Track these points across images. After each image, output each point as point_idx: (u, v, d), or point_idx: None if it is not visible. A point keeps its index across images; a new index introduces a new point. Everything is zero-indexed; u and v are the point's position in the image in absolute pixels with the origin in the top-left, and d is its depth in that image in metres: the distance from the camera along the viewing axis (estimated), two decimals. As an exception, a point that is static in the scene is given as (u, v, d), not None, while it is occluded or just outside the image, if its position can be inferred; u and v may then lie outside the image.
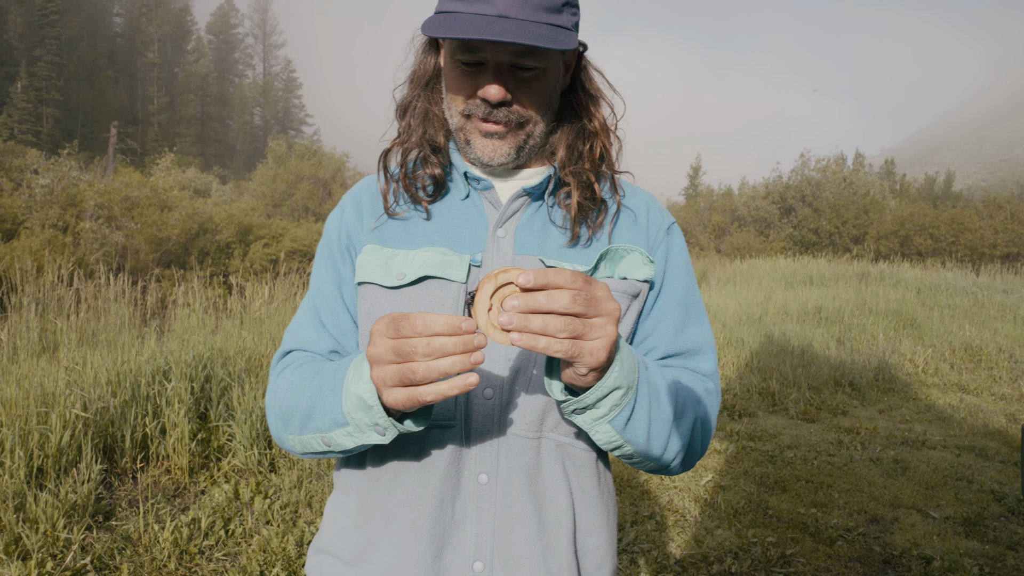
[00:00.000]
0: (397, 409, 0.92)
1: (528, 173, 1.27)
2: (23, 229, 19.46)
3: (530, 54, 1.11)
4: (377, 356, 0.89)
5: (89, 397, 4.53)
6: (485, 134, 1.18)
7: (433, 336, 0.84)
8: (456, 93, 1.18)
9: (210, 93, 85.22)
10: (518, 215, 1.22)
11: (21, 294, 6.52)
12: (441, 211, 1.25)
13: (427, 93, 1.29)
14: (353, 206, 1.32)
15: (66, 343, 5.40)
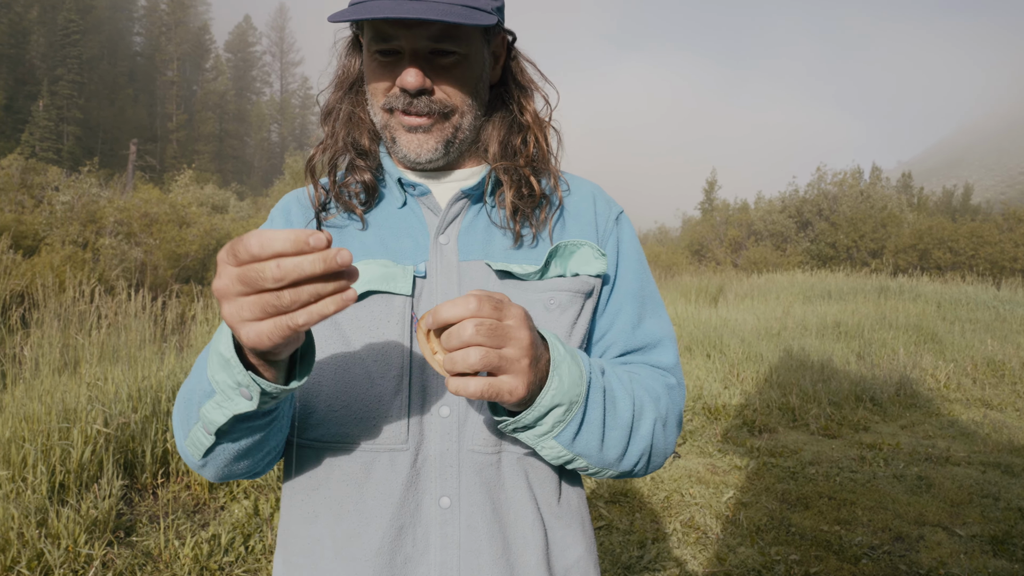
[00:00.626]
0: (264, 350, 0.77)
1: (464, 173, 1.21)
2: (44, 245, 19.70)
3: (448, 37, 1.06)
4: (223, 288, 0.74)
5: (110, 413, 4.55)
6: (409, 128, 1.12)
7: (277, 257, 0.70)
8: (376, 87, 1.13)
9: (228, 110, 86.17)
10: (459, 219, 1.17)
11: (43, 310, 6.58)
12: (378, 220, 1.19)
13: (352, 96, 1.24)
14: (282, 216, 1.26)
15: (87, 359, 5.43)
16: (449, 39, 1.06)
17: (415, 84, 1.06)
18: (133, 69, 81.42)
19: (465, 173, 1.21)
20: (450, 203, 1.15)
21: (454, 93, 1.10)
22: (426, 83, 1.07)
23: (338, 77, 1.25)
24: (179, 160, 69.65)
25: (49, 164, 28.86)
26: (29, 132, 52.97)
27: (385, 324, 1.09)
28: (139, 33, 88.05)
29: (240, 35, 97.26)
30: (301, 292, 0.71)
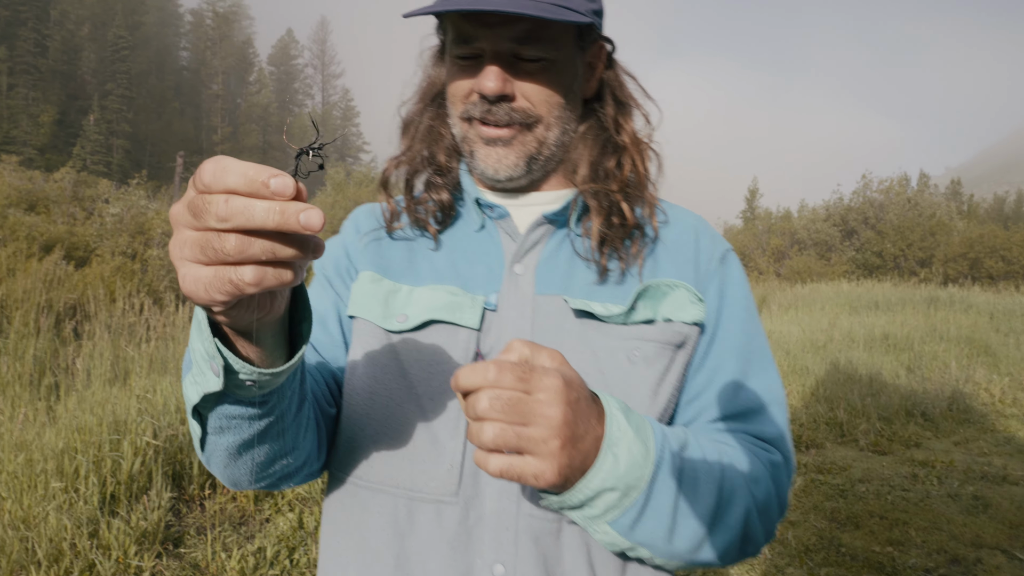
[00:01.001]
0: (205, 305, 0.62)
1: (548, 196, 1.10)
2: (94, 256, 20.21)
3: (534, 39, 0.96)
4: (175, 214, 0.60)
5: (159, 425, 4.62)
6: (487, 140, 1.02)
7: (228, 194, 0.56)
8: (455, 93, 1.05)
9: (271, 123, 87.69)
10: (539, 247, 1.06)
11: (95, 321, 6.73)
12: (451, 242, 1.09)
13: (433, 110, 1.15)
14: (353, 227, 1.18)
15: (137, 371, 5.54)
16: (535, 41, 0.97)
17: (494, 88, 0.97)
18: (179, 83, 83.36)
19: (549, 196, 1.10)
20: (530, 229, 1.05)
21: (539, 102, 1.01)
22: (506, 88, 0.98)
23: (421, 89, 1.16)
24: (224, 172, 71.12)
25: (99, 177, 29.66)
26: (80, 146, 54.53)
27: (446, 358, 0.99)
28: (185, 48, 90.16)
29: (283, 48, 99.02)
30: (251, 243, 0.57)
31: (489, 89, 0.97)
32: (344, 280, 1.13)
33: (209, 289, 0.59)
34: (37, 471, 3.99)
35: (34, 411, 5.00)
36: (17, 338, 6.22)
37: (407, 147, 1.15)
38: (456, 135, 1.08)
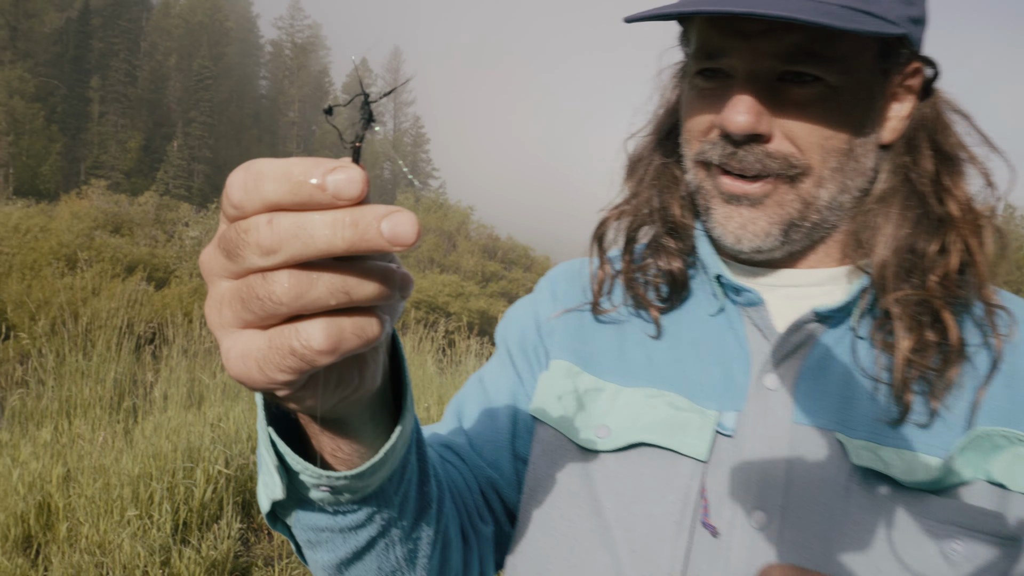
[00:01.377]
0: (263, 388, 0.42)
1: (819, 277, 0.80)
2: (173, 278, 20.96)
3: (810, 55, 0.69)
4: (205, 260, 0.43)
5: (231, 453, 4.69)
6: (727, 197, 0.76)
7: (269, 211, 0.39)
8: (691, 127, 0.79)
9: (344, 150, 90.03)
10: (802, 353, 0.75)
11: (172, 346, 6.92)
12: (678, 329, 0.82)
13: (668, 146, 0.88)
14: (549, 292, 0.94)
15: (210, 398, 5.65)
16: (812, 58, 0.69)
17: (743, 124, 0.71)
18: (258, 111, 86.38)
19: (819, 276, 0.80)
20: (793, 327, 0.75)
21: (809, 145, 0.72)
22: (761, 124, 0.71)
23: (656, 118, 0.91)
24: (297, 196, 73.38)
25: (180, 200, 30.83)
26: (164, 170, 56.95)
27: (657, 498, 0.74)
28: (264, 77, 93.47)
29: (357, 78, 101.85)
30: (313, 281, 0.38)
31: (736, 125, 0.71)
32: (530, 362, 0.90)
33: (265, 367, 0.40)
34: (114, 496, 4.08)
35: (112, 434, 5.14)
36: (100, 361, 6.42)
37: (632, 193, 0.90)
38: (690, 183, 0.83)
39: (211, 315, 0.42)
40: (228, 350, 0.42)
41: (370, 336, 0.40)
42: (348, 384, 0.47)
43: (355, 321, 0.40)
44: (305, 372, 0.41)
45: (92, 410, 5.73)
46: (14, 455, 4.60)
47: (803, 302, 0.78)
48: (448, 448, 0.86)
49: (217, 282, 0.41)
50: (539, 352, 0.90)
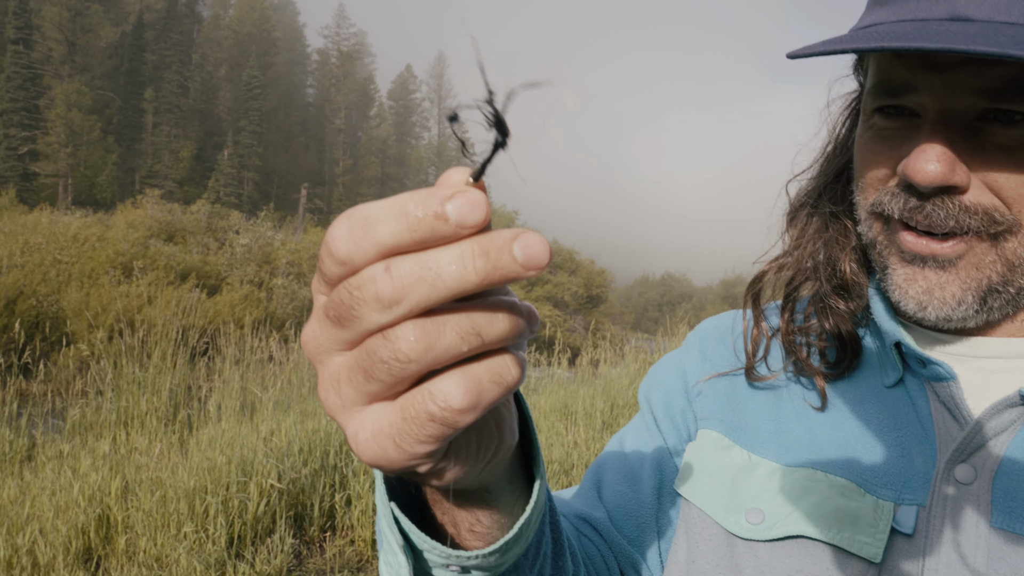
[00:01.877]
0: (404, 468, 0.38)
1: (1021, 348, 0.67)
2: (224, 285, 21.39)
3: (1019, 90, 0.57)
4: (309, 338, 0.38)
5: (283, 467, 4.72)
6: (909, 256, 0.65)
7: (384, 257, 0.34)
8: (866, 174, 0.68)
9: (389, 155, 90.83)
10: (1002, 442, 0.63)
11: (226, 358, 7.03)
12: (846, 400, 0.71)
13: (839, 190, 0.78)
14: (698, 351, 0.86)
15: (263, 412, 5.71)
16: (1019, 92, 0.58)
17: (932, 175, 0.59)
18: (305, 119, 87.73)
19: (1018, 347, 0.67)
20: (993, 410, 0.63)
21: (1017, 196, 0.60)
22: (955, 175, 0.60)
23: (824, 157, 0.81)
24: (344, 203, 74.13)
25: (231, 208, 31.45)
26: (215, 179, 58.19)
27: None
28: (311, 86, 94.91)
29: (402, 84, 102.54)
30: (441, 328, 0.33)
31: (924, 176, 0.59)
32: (677, 428, 0.82)
33: (403, 443, 0.35)
34: (171, 510, 4.13)
35: (168, 445, 5.22)
36: (156, 372, 6.55)
37: (795, 244, 0.79)
38: (863, 236, 0.72)
39: (328, 398, 0.37)
40: (356, 433, 0.37)
41: (510, 381, 0.35)
42: (489, 444, 0.42)
43: (490, 366, 0.35)
44: (448, 437, 0.36)
45: (148, 421, 5.84)
46: (75, 467, 4.70)
47: (1002, 377, 0.66)
48: (585, 521, 0.79)
49: (328, 359, 0.37)
50: (687, 418, 0.82)
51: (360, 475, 4.85)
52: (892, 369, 0.70)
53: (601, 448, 5.51)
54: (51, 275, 17.81)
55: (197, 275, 20.66)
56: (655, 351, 10.48)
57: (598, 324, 26.39)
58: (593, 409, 6.31)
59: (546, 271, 16.08)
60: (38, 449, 5.37)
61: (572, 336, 24.62)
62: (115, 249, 19.80)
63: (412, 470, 0.39)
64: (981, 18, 0.57)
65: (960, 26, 0.56)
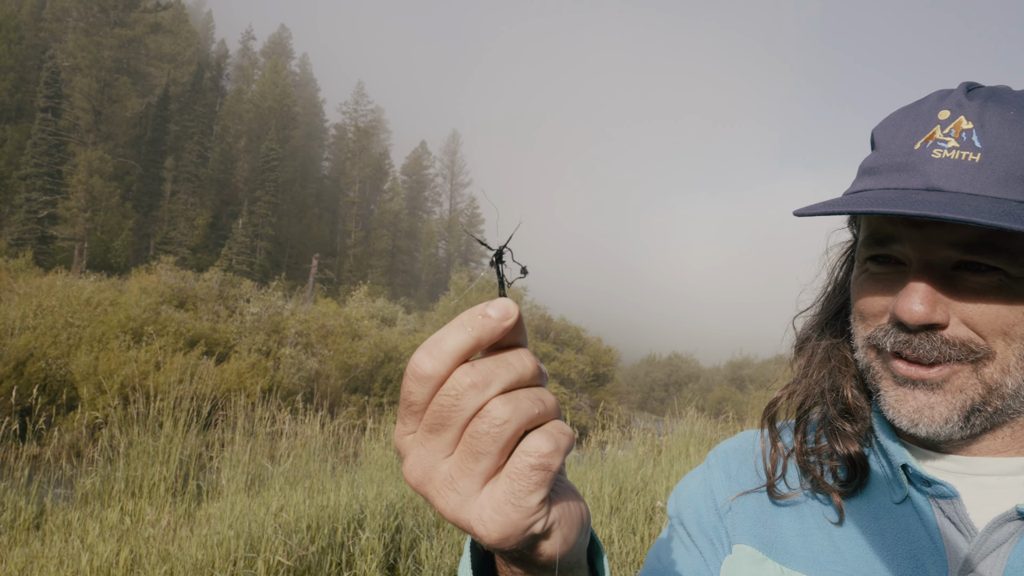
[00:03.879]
0: (526, 528, 0.47)
1: (1016, 466, 0.76)
2: (233, 353, 21.47)
3: (986, 248, 0.70)
4: (414, 463, 0.48)
5: (291, 544, 4.71)
6: (900, 380, 0.76)
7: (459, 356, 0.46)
8: (863, 312, 0.80)
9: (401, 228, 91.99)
10: (1003, 551, 0.71)
11: (235, 428, 7.05)
12: (861, 515, 0.80)
13: (838, 325, 0.90)
14: (723, 471, 0.95)
15: (272, 486, 5.71)
16: (990, 249, 0.71)
17: (918, 316, 0.71)
18: (320, 191, 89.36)
19: (1017, 465, 0.77)
20: (993, 525, 0.72)
21: (990, 331, 0.72)
22: (936, 314, 0.72)
23: (825, 296, 0.93)
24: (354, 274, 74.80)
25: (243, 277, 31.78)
26: (228, 247, 58.98)
27: None
28: (327, 159, 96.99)
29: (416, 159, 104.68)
30: (517, 399, 0.46)
31: (911, 315, 0.72)
32: (712, 543, 0.90)
33: (518, 499, 0.45)
34: (178, 585, 4.12)
35: (176, 517, 5.22)
36: (166, 441, 6.58)
37: (803, 373, 0.90)
38: (859, 362, 0.82)
39: (449, 500, 0.47)
40: (480, 516, 0.46)
41: (570, 433, 0.47)
42: (577, 515, 0.52)
43: (556, 424, 0.47)
44: (548, 481, 0.46)
45: (157, 491, 5.84)
46: (83, 536, 4.70)
47: (999, 493, 0.75)
48: None
49: (436, 473, 0.47)
50: (719, 533, 0.90)
51: (367, 554, 4.83)
52: (899, 487, 0.79)
53: (609, 534, 5.48)
54: (62, 338, 17.93)
55: (206, 342, 20.78)
56: (662, 433, 10.43)
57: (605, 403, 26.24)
58: (601, 493, 6.28)
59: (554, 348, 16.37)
60: (46, 516, 5.37)
61: (579, 415, 24.45)
62: (127, 314, 19.97)
63: (531, 533, 0.47)
64: (951, 190, 0.70)
65: (934, 195, 0.69)
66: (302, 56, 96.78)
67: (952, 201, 0.68)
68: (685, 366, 72.59)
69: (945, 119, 0.73)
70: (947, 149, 0.72)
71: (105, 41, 57.51)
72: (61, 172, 48.36)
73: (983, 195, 0.69)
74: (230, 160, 68.71)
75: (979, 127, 0.72)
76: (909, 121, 0.76)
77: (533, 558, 0.52)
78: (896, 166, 0.75)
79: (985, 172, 0.70)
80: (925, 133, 0.74)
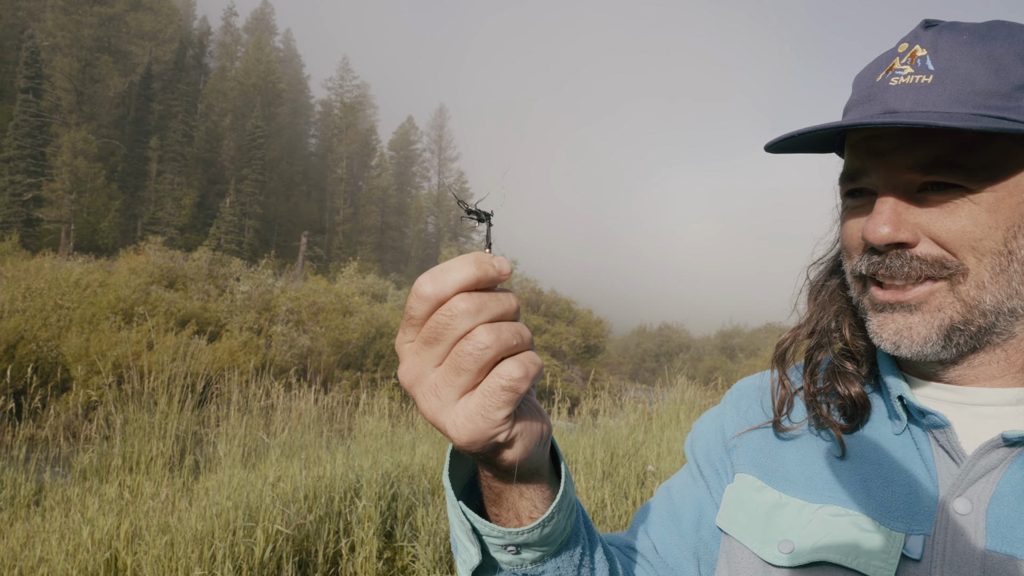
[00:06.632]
0: (491, 436, 0.58)
1: (1007, 397, 0.78)
2: (224, 331, 21.46)
3: (945, 166, 0.73)
4: (409, 369, 0.58)
5: (289, 513, 4.79)
6: (878, 305, 0.79)
7: (461, 287, 0.55)
8: (846, 246, 0.84)
9: (389, 204, 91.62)
10: (994, 475, 0.74)
11: (231, 405, 7.11)
12: (862, 446, 0.84)
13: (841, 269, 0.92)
14: (734, 407, 1.00)
15: (270, 458, 5.78)
16: (950, 167, 0.73)
17: (883, 235, 0.74)
18: (307, 168, 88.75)
19: (1011, 395, 0.79)
20: (980, 452, 0.75)
21: (959, 245, 0.74)
22: (901, 232, 0.75)
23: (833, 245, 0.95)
24: (344, 251, 74.58)
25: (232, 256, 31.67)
26: (216, 226, 58.64)
27: None
28: (314, 136, 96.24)
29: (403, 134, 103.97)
30: (500, 328, 0.56)
31: (876, 235, 0.75)
32: (718, 473, 0.96)
33: (487, 411, 0.56)
34: (179, 554, 4.20)
35: (175, 490, 5.28)
36: (162, 417, 6.63)
37: (809, 316, 0.94)
38: (853, 299, 0.87)
39: (430, 404, 0.57)
40: (454, 421, 0.57)
41: (539, 362, 0.57)
42: (538, 424, 0.63)
43: (527, 355, 0.57)
44: (515, 402, 0.56)
45: (154, 466, 5.91)
46: (83, 511, 4.76)
47: (995, 423, 0.77)
48: (633, 550, 0.97)
49: (425, 379, 0.57)
50: (725, 465, 0.96)
51: (364, 522, 4.92)
52: (898, 420, 0.83)
53: (601, 498, 5.58)
54: (52, 320, 17.88)
55: (197, 321, 20.74)
56: (653, 401, 10.55)
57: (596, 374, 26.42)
58: (593, 459, 6.38)
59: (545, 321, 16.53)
60: (45, 493, 5.43)
61: (571, 386, 24.60)
62: (116, 295, 19.90)
63: (495, 441, 0.58)
64: (905, 110, 0.74)
65: (890, 117, 0.73)
66: (285, 32, 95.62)
67: (905, 119, 0.71)
68: (676, 336, 72.87)
69: (903, 51, 0.78)
70: (903, 76, 0.76)
71: (84, 19, 56.66)
72: (45, 154, 47.84)
73: (934, 111, 0.72)
74: (215, 139, 68.05)
75: (932, 52, 0.75)
76: (876, 61, 0.82)
77: (497, 462, 0.63)
78: (861, 99, 0.79)
79: (936, 91, 0.73)
80: (886, 66, 0.78)
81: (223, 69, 76.60)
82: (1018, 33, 0.76)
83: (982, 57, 0.73)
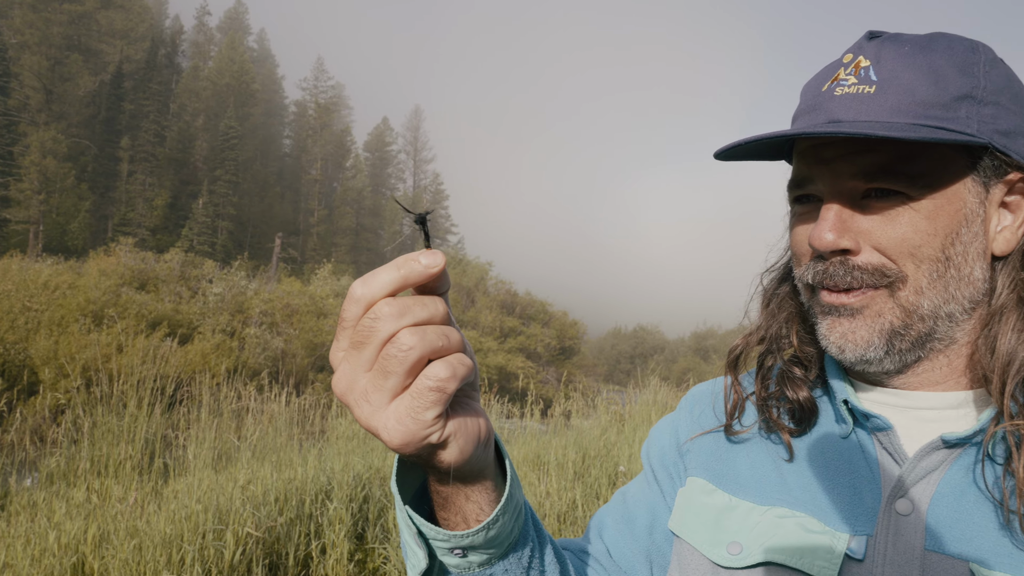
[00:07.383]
0: (423, 437, 0.59)
1: (948, 401, 0.80)
2: (196, 334, 21.24)
3: (887, 172, 0.75)
4: (341, 378, 0.60)
5: (260, 516, 4.78)
6: (827, 309, 0.81)
7: (389, 290, 0.58)
8: (794, 252, 0.86)
9: (364, 205, 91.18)
10: (934, 477, 0.77)
11: (201, 408, 7.06)
12: (809, 449, 0.86)
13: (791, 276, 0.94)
14: (688, 413, 1.02)
15: (239, 459, 5.76)
16: (892, 175, 0.76)
17: (826, 241, 0.76)
18: (282, 169, 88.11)
19: (952, 399, 0.81)
20: (922, 453, 0.77)
21: (898, 253, 0.76)
22: (844, 239, 0.77)
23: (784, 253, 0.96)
24: (318, 252, 74.12)
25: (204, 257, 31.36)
26: (188, 227, 58.01)
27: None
28: (288, 136, 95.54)
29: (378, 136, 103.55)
30: (423, 331, 0.57)
31: (820, 242, 0.77)
32: (672, 477, 0.99)
33: (417, 413, 0.57)
34: (147, 558, 4.17)
35: (143, 494, 5.25)
36: (130, 420, 6.58)
37: (760, 322, 0.96)
38: (804, 304, 0.88)
39: (362, 409, 0.58)
40: (386, 424, 0.58)
41: (468, 363, 0.59)
42: (476, 428, 0.65)
43: (456, 356, 0.58)
44: (444, 402, 0.58)
45: (123, 469, 5.86)
46: (49, 515, 4.71)
47: (935, 426, 0.80)
48: (587, 553, 0.99)
49: (356, 385, 0.58)
50: (679, 469, 0.98)
51: (335, 524, 4.92)
52: (844, 423, 0.85)
53: (573, 498, 5.62)
54: (19, 323, 17.60)
55: (169, 324, 20.51)
56: (626, 403, 10.62)
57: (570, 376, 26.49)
58: (565, 460, 6.42)
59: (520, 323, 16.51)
60: (11, 498, 5.37)
61: (545, 388, 24.66)
62: (86, 297, 19.64)
63: (428, 443, 0.60)
64: (848, 119, 0.76)
65: (833, 127, 0.75)
66: (259, 31, 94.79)
67: (848, 129, 0.73)
68: (650, 338, 73.29)
69: (848, 61, 0.80)
70: (847, 86, 0.78)
71: (54, 17, 55.80)
72: (12, 153, 47.03)
73: (876, 120, 0.75)
74: (188, 139, 67.31)
75: (875, 63, 0.78)
76: (822, 71, 0.84)
77: (435, 464, 0.64)
78: (808, 108, 0.82)
79: (878, 101, 0.75)
80: (832, 76, 0.81)
81: (196, 69, 75.78)
82: (957, 44, 0.78)
83: (923, 68, 0.76)
